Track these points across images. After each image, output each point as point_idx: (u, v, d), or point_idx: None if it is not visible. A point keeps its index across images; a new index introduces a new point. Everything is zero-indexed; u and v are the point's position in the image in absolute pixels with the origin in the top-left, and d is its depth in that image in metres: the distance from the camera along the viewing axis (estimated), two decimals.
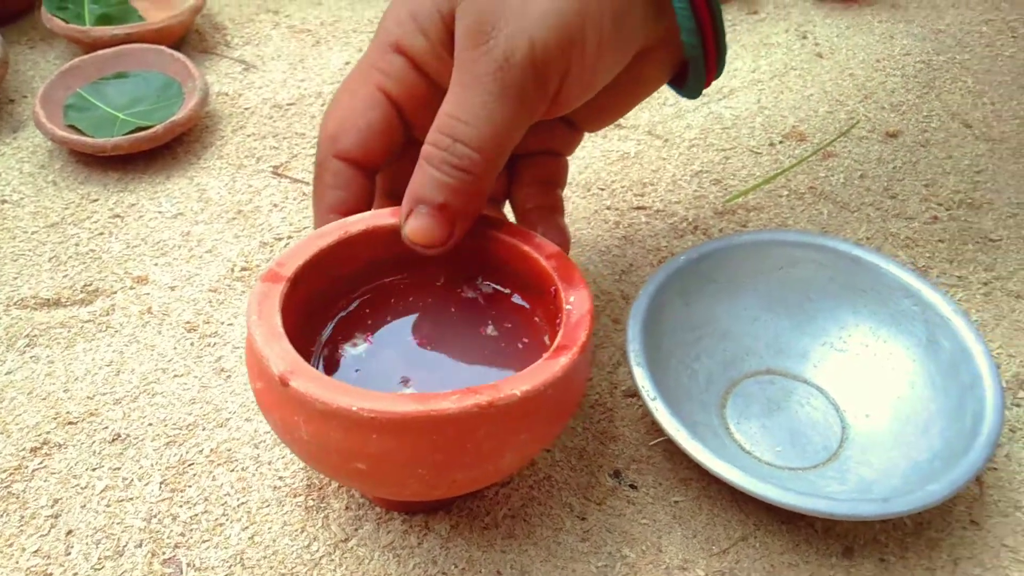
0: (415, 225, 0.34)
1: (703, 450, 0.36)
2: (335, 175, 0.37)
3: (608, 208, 0.55)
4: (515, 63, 0.32)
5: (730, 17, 0.72)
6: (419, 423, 0.28)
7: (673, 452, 0.41)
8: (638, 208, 0.55)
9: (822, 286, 0.45)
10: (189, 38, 0.69)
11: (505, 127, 0.33)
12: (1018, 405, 0.44)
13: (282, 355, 0.29)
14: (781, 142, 0.59)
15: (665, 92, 0.63)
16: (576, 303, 0.33)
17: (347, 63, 0.67)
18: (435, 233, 0.34)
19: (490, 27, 0.32)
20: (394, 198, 0.40)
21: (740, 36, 0.69)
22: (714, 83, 0.64)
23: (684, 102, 0.63)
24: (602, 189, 0.56)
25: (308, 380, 0.28)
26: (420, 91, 0.36)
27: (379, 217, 0.36)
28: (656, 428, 0.40)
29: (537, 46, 0.32)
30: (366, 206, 0.37)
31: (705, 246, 0.44)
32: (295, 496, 0.39)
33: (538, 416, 0.31)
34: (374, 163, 0.37)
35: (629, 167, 0.58)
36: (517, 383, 0.29)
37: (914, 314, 0.43)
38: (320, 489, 0.39)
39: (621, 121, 0.61)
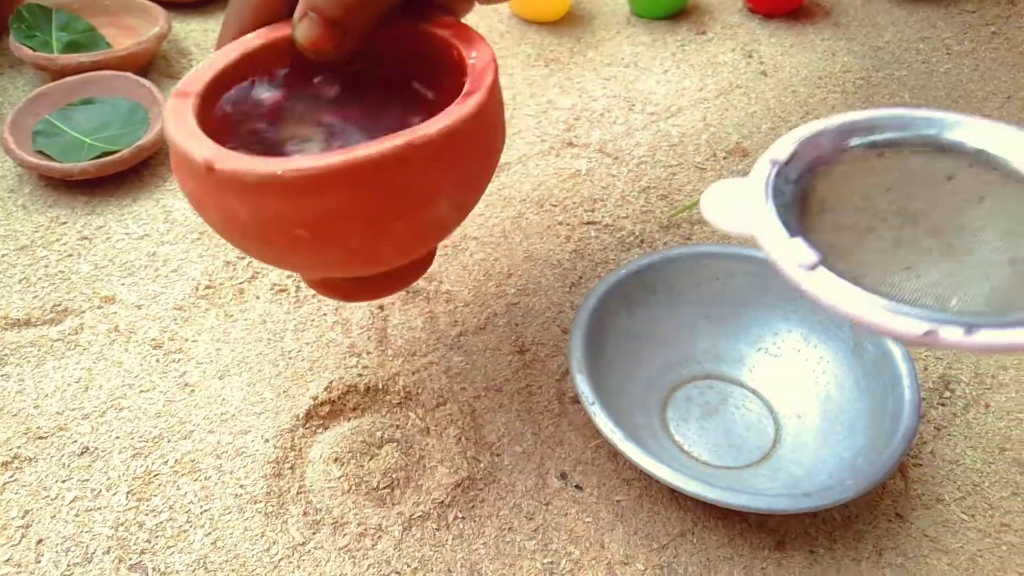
0: (306, 31, 0.34)
1: (638, 451, 0.38)
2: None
3: (560, 223, 0.57)
4: None
5: (679, 37, 0.75)
6: (346, 173, 0.28)
7: (616, 454, 0.44)
8: (588, 223, 0.57)
9: (756, 296, 0.47)
10: (155, 64, 0.71)
11: None
12: (943, 404, 0.47)
13: (203, 145, 0.29)
14: (725, 158, 0.62)
15: (616, 112, 0.66)
16: (478, 56, 0.34)
17: None
18: (325, 42, 0.34)
19: None
20: None
21: (689, 56, 0.72)
22: (663, 102, 0.67)
23: (634, 121, 0.65)
24: (554, 205, 0.59)
25: (233, 160, 0.29)
26: None
27: (276, 30, 0.36)
28: (599, 432, 0.43)
29: None
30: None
31: (645, 259, 0.47)
32: (255, 503, 0.41)
33: (460, 156, 0.31)
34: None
35: (580, 184, 0.60)
36: (432, 124, 0.30)
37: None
38: (279, 496, 0.41)
39: (573, 139, 0.64)
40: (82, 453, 0.43)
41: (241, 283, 0.52)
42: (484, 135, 0.33)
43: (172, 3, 0.76)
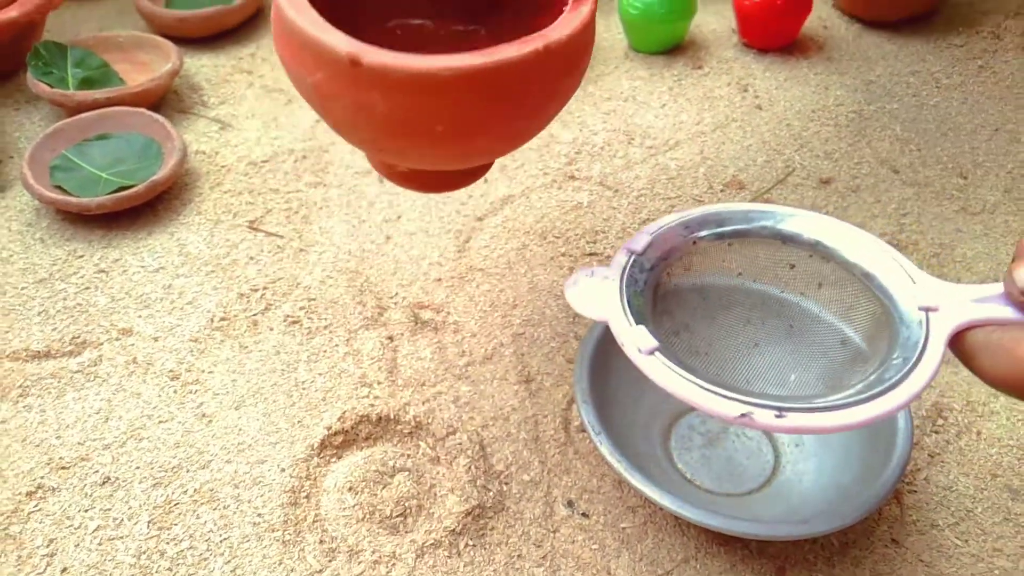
0: None
1: (643, 480, 0.40)
2: None
3: (563, 255, 0.59)
4: None
5: (676, 72, 0.77)
6: (493, 72, 0.29)
7: (621, 482, 0.45)
8: (590, 254, 0.59)
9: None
10: (168, 99, 0.72)
11: None
12: (937, 432, 0.49)
13: (341, 38, 0.29)
14: (722, 190, 0.64)
15: (615, 146, 0.68)
16: None
17: (317, 121, 0.71)
18: None
19: None
20: None
21: (686, 90, 0.74)
22: (661, 135, 0.69)
23: (633, 155, 0.67)
24: (557, 237, 0.60)
25: (380, 54, 0.29)
26: None
27: None
28: (605, 461, 0.44)
29: None
30: None
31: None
32: (272, 531, 0.42)
33: (576, 58, 0.33)
34: None
35: (582, 216, 0.62)
36: (560, 29, 0.31)
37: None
38: (296, 525, 0.42)
39: (575, 172, 0.66)
40: (104, 483, 0.44)
41: (255, 315, 0.54)
42: (589, 39, 0.34)
43: (182, 39, 0.78)
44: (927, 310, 0.32)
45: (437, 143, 0.32)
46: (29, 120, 0.71)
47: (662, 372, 0.31)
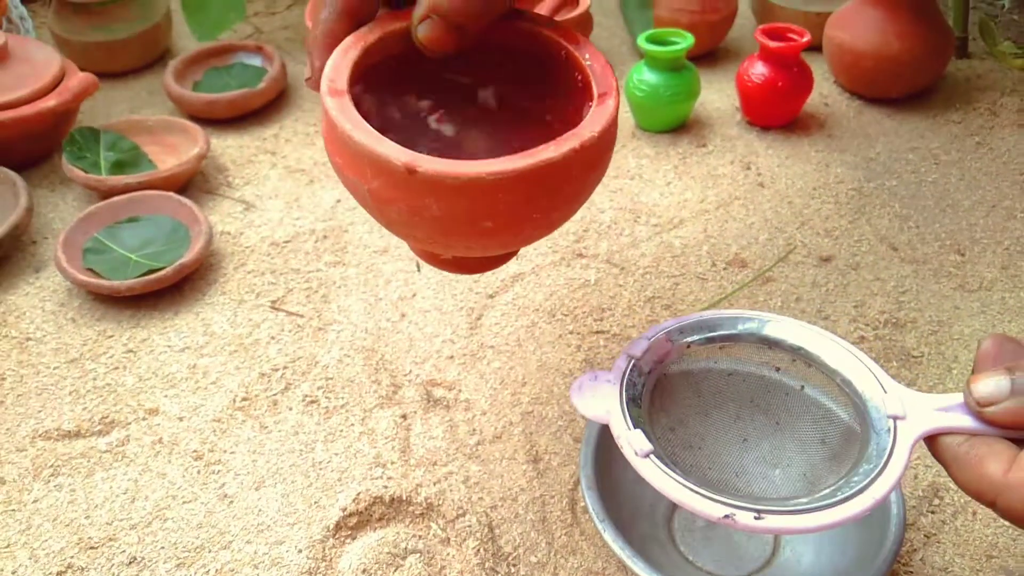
0: (428, 32, 0.35)
1: (645, 567, 0.41)
2: None
3: (571, 332, 0.61)
4: None
5: (680, 150, 0.79)
6: (535, 172, 0.32)
7: (626, 565, 0.47)
8: (597, 332, 0.61)
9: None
10: (195, 180, 0.76)
11: None
12: (933, 512, 0.50)
13: (397, 149, 0.32)
14: (725, 268, 0.66)
15: (622, 224, 0.71)
16: (593, 57, 0.37)
17: (338, 200, 0.74)
18: (445, 43, 0.36)
19: None
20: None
21: (690, 168, 0.77)
22: (666, 214, 0.72)
23: (639, 233, 0.70)
24: (565, 315, 0.63)
25: (433, 163, 0.32)
26: None
27: (384, 24, 0.38)
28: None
29: None
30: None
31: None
32: None
33: (606, 150, 0.36)
34: None
35: (589, 294, 0.64)
36: (591, 126, 0.34)
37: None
38: None
39: (583, 250, 0.68)
40: (130, 563, 0.47)
41: (275, 395, 0.56)
42: (615, 130, 0.37)
43: (208, 120, 0.82)
44: (895, 418, 0.34)
45: (485, 237, 0.35)
46: (63, 201, 0.74)
47: (655, 474, 0.34)
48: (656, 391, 0.39)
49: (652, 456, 0.34)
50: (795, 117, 0.82)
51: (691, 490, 0.33)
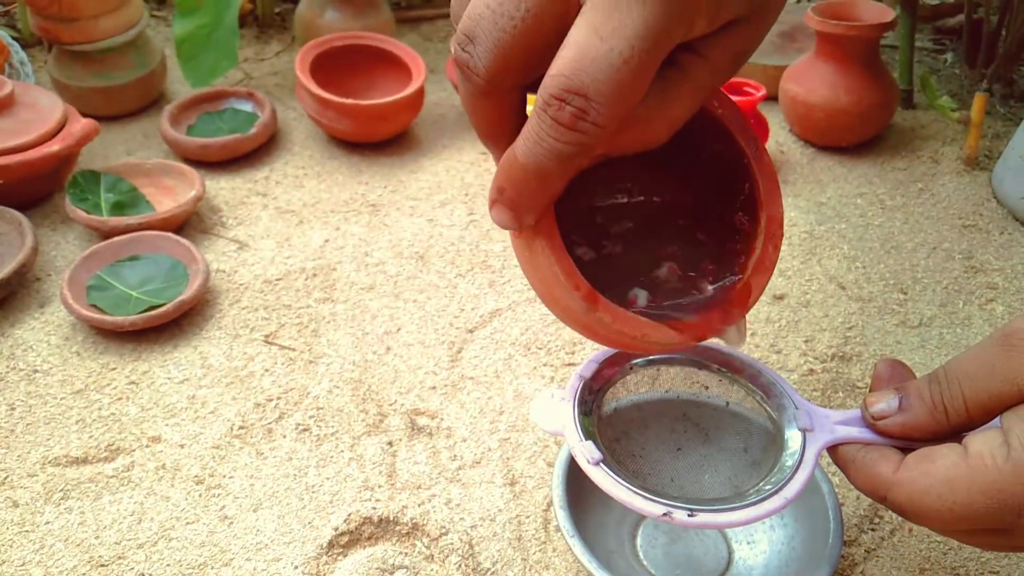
0: (497, 219, 0.33)
1: None
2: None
3: (545, 365, 0.66)
4: None
5: None
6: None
7: None
8: (569, 364, 0.66)
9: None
10: (191, 220, 0.80)
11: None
12: (873, 529, 0.55)
13: (611, 310, 0.35)
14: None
15: None
16: (760, 169, 0.38)
17: (327, 240, 0.79)
18: (513, 224, 0.33)
19: None
20: None
21: None
22: None
23: None
24: (540, 348, 0.68)
25: (663, 335, 0.35)
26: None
27: None
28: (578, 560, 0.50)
29: None
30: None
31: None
32: None
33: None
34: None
35: (562, 329, 0.69)
36: (757, 280, 0.37)
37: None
38: None
39: None
40: None
41: (269, 423, 0.61)
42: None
43: (201, 162, 0.87)
44: (804, 431, 0.41)
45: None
46: (65, 240, 0.79)
47: (604, 479, 0.39)
48: (603, 408, 0.45)
49: (602, 464, 0.40)
50: None
51: (635, 492, 0.39)
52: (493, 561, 0.52)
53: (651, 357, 0.45)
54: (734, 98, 0.82)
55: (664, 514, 0.38)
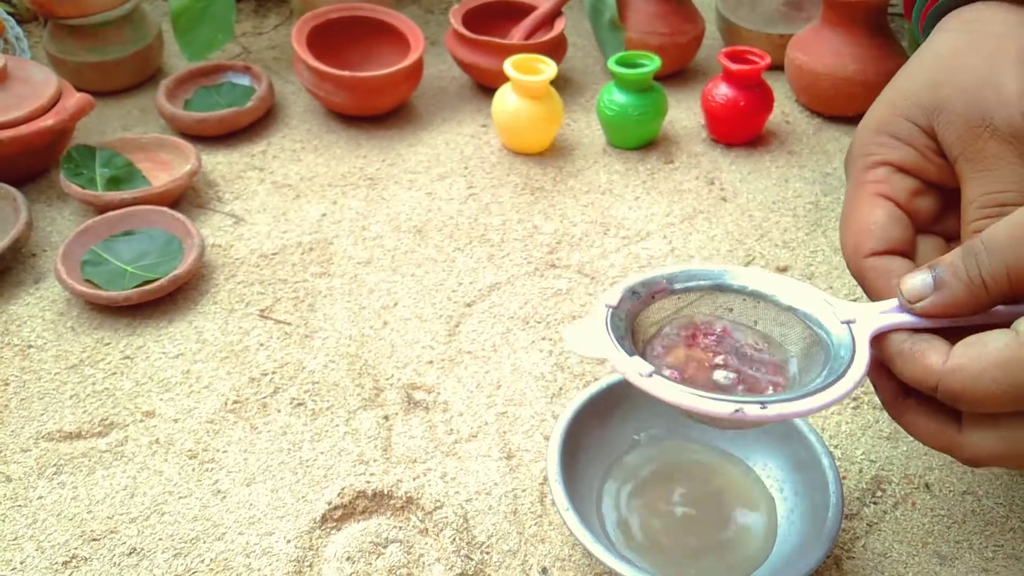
0: None
1: (603, 551, 0.45)
2: (874, 268, 0.43)
3: (543, 338, 0.65)
4: (1019, 134, 0.40)
5: (649, 166, 0.84)
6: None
7: (589, 550, 0.51)
8: None
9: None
10: (187, 195, 0.80)
11: None
12: (875, 503, 0.54)
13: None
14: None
15: (592, 236, 0.75)
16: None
17: (323, 214, 0.78)
18: None
19: (982, 120, 0.41)
20: None
21: (658, 183, 0.82)
22: (633, 227, 0.76)
23: (608, 245, 0.74)
24: (538, 322, 0.67)
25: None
26: (911, 188, 0.44)
27: None
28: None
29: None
30: None
31: (615, 376, 0.55)
32: None
33: None
34: (900, 249, 0.43)
35: (561, 302, 0.69)
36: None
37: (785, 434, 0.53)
38: None
39: (555, 261, 0.72)
40: (130, 553, 0.50)
41: (264, 398, 0.60)
42: None
43: (198, 137, 0.86)
44: (848, 322, 0.41)
45: None
46: (60, 215, 0.78)
47: (664, 387, 0.38)
48: (635, 334, 0.44)
49: (655, 375, 0.39)
50: (757, 135, 0.87)
51: (700, 396, 0.38)
52: (488, 535, 0.51)
53: (674, 286, 0.45)
54: (738, 66, 0.81)
55: (736, 411, 0.37)
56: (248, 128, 0.89)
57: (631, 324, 0.43)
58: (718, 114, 0.84)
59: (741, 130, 0.85)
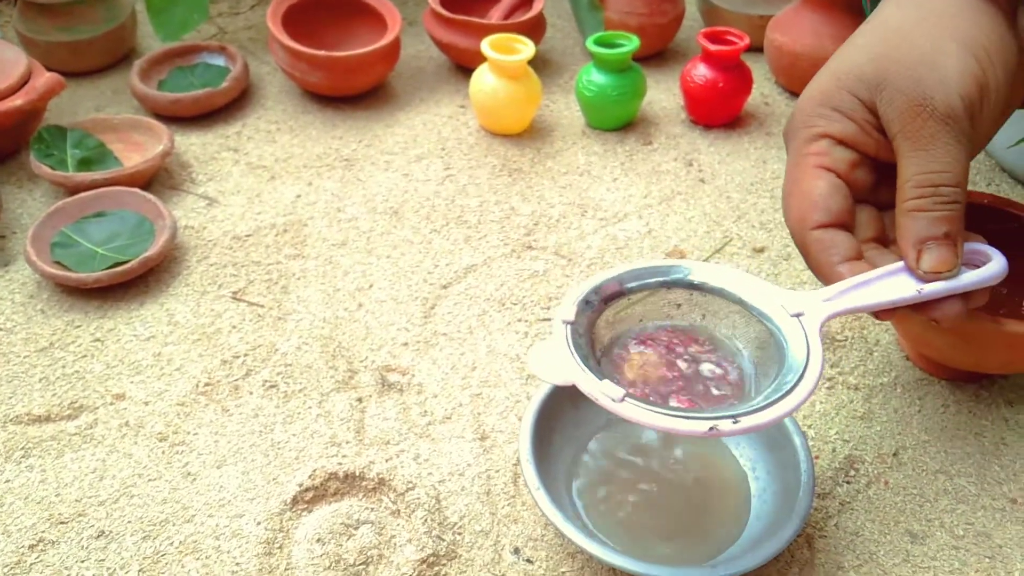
0: (932, 258, 0.42)
1: (574, 531, 0.45)
2: (819, 241, 0.45)
3: (519, 320, 0.65)
4: (957, 115, 0.42)
5: (627, 148, 0.83)
6: None
7: (560, 530, 0.50)
8: (544, 320, 0.65)
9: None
10: (159, 176, 0.79)
11: (965, 162, 0.43)
12: (848, 482, 0.54)
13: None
14: (664, 259, 0.70)
15: (570, 217, 0.75)
16: None
17: (298, 196, 0.77)
18: (950, 258, 0.42)
19: (922, 99, 0.42)
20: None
21: (636, 165, 0.81)
22: (611, 208, 0.76)
23: (586, 226, 0.74)
24: (515, 303, 0.66)
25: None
26: (851, 160, 0.46)
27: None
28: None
29: (965, 99, 0.42)
30: (857, 250, 0.45)
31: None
32: None
33: None
34: (843, 220, 0.45)
35: (538, 284, 0.68)
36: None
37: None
38: (269, 573, 0.48)
39: (532, 243, 0.72)
40: (99, 536, 0.50)
41: (236, 380, 0.60)
42: None
43: (173, 118, 0.85)
44: (798, 315, 0.42)
45: None
46: (31, 197, 0.77)
47: (636, 411, 0.39)
48: (594, 349, 0.44)
49: (627, 399, 0.39)
50: (736, 116, 0.87)
51: (674, 416, 0.38)
52: (460, 515, 0.51)
53: (622, 288, 0.45)
54: (717, 46, 0.81)
55: (710, 429, 0.38)
56: (223, 109, 0.87)
57: (590, 336, 0.44)
58: (697, 95, 0.84)
59: (720, 111, 0.85)
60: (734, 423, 0.38)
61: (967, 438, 0.57)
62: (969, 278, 0.43)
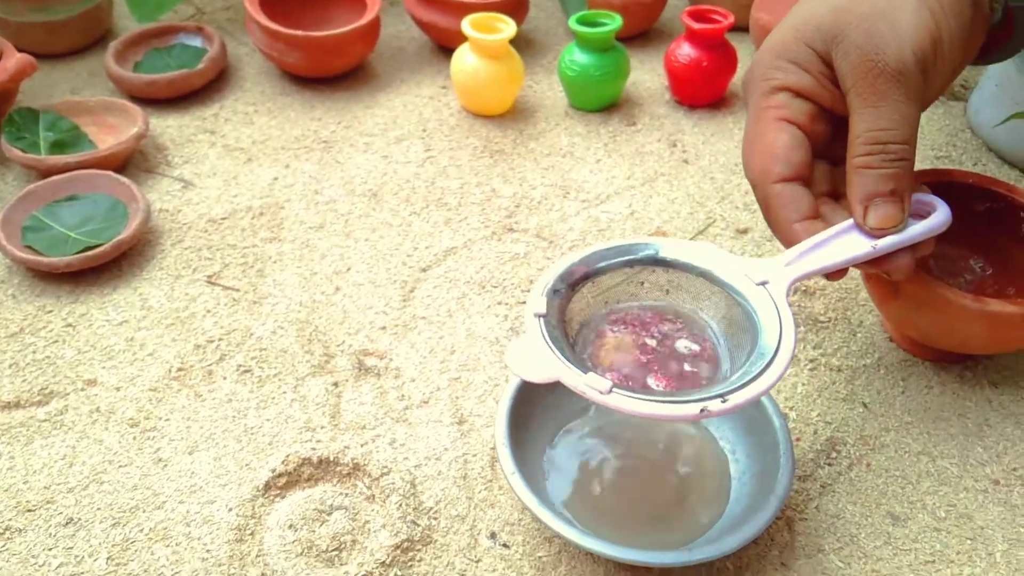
0: (878, 214, 0.43)
1: (549, 515, 0.44)
2: (779, 196, 0.45)
3: (499, 303, 0.64)
4: (908, 71, 0.42)
5: (611, 129, 0.82)
6: None
7: (535, 514, 0.50)
8: (524, 303, 0.64)
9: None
10: (134, 159, 0.77)
11: (915, 118, 0.43)
12: (830, 464, 0.54)
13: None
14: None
15: (552, 199, 0.74)
16: None
17: (275, 178, 0.76)
18: (896, 214, 0.43)
19: (875, 54, 0.42)
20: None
21: (619, 146, 0.80)
22: (594, 190, 0.75)
23: (568, 208, 0.73)
24: (495, 286, 0.66)
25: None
26: (809, 112, 0.46)
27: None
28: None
29: (918, 53, 0.42)
30: (814, 207, 0.46)
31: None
32: (220, 566, 0.47)
33: None
34: (803, 174, 0.46)
35: (519, 266, 0.67)
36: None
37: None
38: (240, 560, 0.47)
39: (513, 225, 0.71)
40: (67, 523, 0.49)
41: (210, 365, 0.59)
42: None
43: (149, 100, 0.84)
44: (763, 283, 0.42)
45: None
46: (2, 181, 0.75)
47: (625, 402, 0.38)
48: (568, 338, 0.43)
49: (615, 390, 0.38)
50: (721, 96, 0.86)
51: (663, 402, 0.38)
52: (436, 500, 0.50)
53: (584, 272, 0.45)
54: (701, 25, 0.79)
55: (701, 411, 0.37)
56: (200, 91, 0.86)
57: (563, 326, 0.43)
58: (681, 75, 0.83)
59: (704, 91, 0.84)
60: (723, 402, 0.38)
61: (951, 419, 0.56)
62: (916, 229, 0.44)
